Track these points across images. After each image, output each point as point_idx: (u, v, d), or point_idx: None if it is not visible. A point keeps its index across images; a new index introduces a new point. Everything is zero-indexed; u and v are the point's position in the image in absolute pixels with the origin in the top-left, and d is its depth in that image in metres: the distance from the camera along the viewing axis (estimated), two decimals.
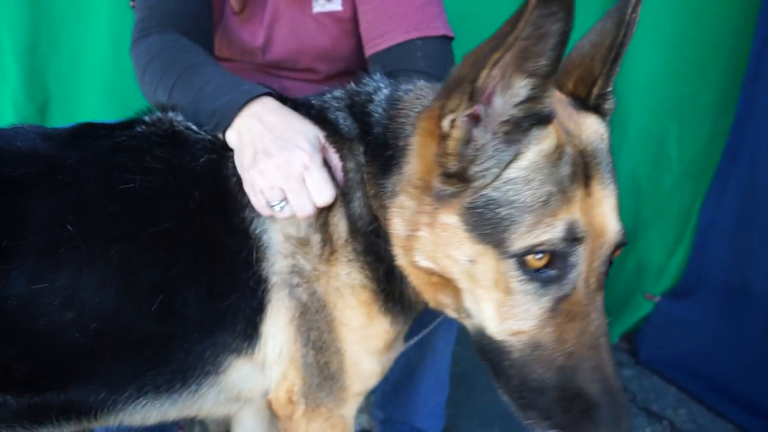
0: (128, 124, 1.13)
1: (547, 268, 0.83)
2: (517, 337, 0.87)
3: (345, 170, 1.09)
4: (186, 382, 1.07)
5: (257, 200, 1.03)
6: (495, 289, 0.86)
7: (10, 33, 1.87)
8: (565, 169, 0.83)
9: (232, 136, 1.08)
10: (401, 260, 0.99)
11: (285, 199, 1.02)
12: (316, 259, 1.06)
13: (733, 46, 2.04)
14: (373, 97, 1.12)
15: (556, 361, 0.85)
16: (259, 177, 1.01)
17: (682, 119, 2.18)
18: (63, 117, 1.94)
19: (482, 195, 0.84)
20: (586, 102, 0.93)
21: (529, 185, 0.82)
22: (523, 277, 0.84)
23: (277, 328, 1.08)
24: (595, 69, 0.91)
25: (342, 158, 1.10)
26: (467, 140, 0.84)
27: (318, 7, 1.44)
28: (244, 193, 1.06)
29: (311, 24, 1.46)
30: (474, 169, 0.84)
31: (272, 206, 1.02)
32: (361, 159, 1.08)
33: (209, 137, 1.11)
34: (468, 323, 0.96)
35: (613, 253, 0.87)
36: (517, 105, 0.80)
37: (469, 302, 0.92)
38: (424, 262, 0.93)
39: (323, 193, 1.01)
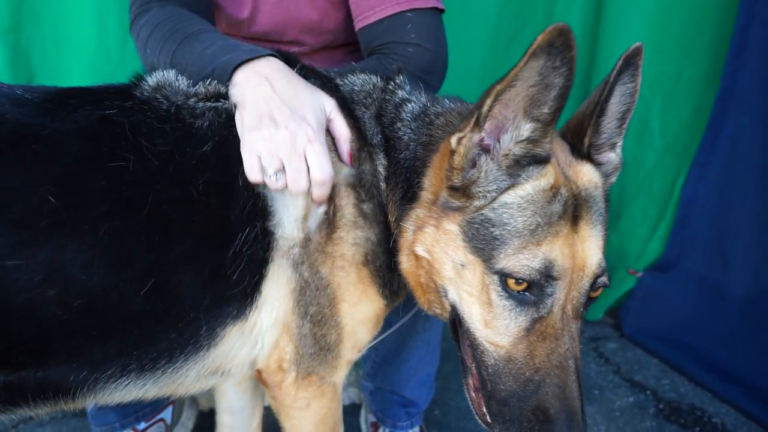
0: (119, 92, 1.06)
1: (526, 291, 0.93)
2: (494, 348, 0.97)
3: (354, 150, 1.11)
4: (172, 359, 1.05)
5: (251, 162, 1.01)
6: (479, 296, 0.97)
7: None
8: (557, 207, 0.93)
9: (235, 91, 1.06)
10: (404, 265, 1.09)
11: (282, 170, 1.02)
12: (323, 240, 1.08)
13: (717, 23, 2.05)
14: (401, 112, 1.16)
15: (524, 375, 0.94)
16: (261, 142, 1.00)
17: (666, 96, 2.18)
18: None
19: (481, 213, 0.96)
20: (581, 152, 1.03)
21: (522, 213, 0.93)
22: (503, 293, 0.94)
23: (278, 294, 1.08)
24: (585, 123, 1.02)
25: (360, 159, 1.12)
26: (473, 162, 0.96)
27: None
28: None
29: None
30: (476, 189, 0.96)
31: (268, 174, 1.01)
32: (381, 169, 1.14)
33: (213, 109, 1.06)
34: (445, 318, 1.08)
35: (592, 285, 0.95)
36: (519, 143, 0.93)
37: (452, 295, 1.02)
38: (422, 252, 1.03)
39: (322, 170, 1.02)
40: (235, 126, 1.05)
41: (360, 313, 1.15)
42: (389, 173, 1.13)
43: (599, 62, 2.21)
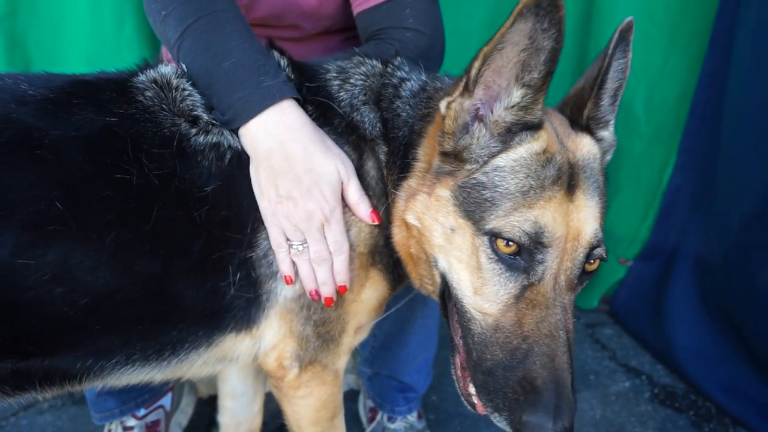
0: (120, 92, 1.04)
1: (516, 256, 0.91)
2: (482, 316, 0.94)
3: (365, 174, 1.12)
4: (175, 352, 1.07)
5: (276, 235, 1.04)
6: (468, 261, 0.95)
7: None
8: (551, 171, 0.92)
9: (246, 141, 1.05)
10: (396, 237, 1.08)
11: (305, 241, 1.04)
12: None
13: (702, 9, 2.05)
14: (401, 90, 1.15)
15: (512, 343, 0.89)
16: (283, 218, 1.03)
17: (651, 83, 2.17)
18: None
19: (473, 177, 0.95)
20: (579, 124, 1.03)
21: (515, 175, 0.92)
22: (492, 256, 0.92)
23: (281, 314, 1.10)
24: (585, 95, 1.02)
25: (364, 157, 1.13)
26: (464, 128, 0.96)
27: None
28: (255, 208, 1.05)
29: None
30: (467, 154, 0.96)
31: (293, 246, 1.04)
32: (383, 157, 1.13)
33: (215, 149, 1.05)
34: (435, 296, 1.07)
35: (588, 257, 0.93)
36: (509, 109, 0.93)
37: (442, 264, 1.00)
38: (413, 221, 1.02)
39: (339, 248, 1.05)
40: (236, 172, 1.05)
41: (364, 303, 1.16)
42: (389, 157, 1.14)
43: (589, 49, 2.22)
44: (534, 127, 0.94)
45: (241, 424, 1.60)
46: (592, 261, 0.95)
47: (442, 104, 0.96)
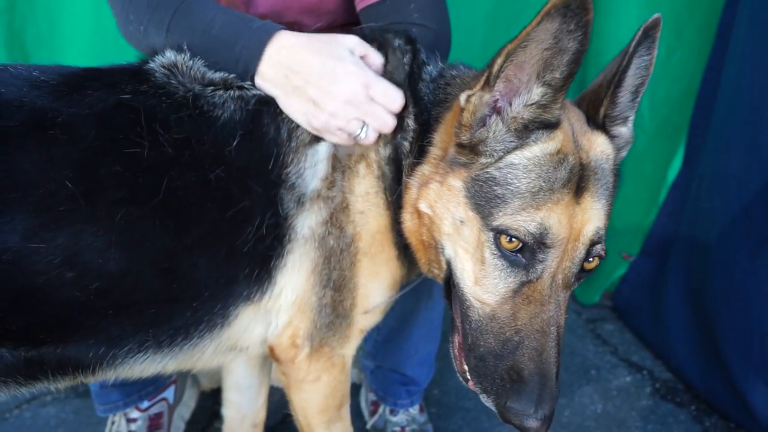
0: (133, 75, 1.05)
1: (518, 253, 0.94)
2: (480, 305, 0.98)
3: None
4: (188, 336, 1.07)
5: (339, 138, 1.06)
6: (474, 253, 0.98)
7: None
8: (562, 173, 0.93)
9: (265, 85, 1.08)
10: (407, 223, 1.10)
11: (364, 124, 1.05)
12: (347, 187, 1.10)
13: (708, 4, 2.04)
14: (423, 74, 1.16)
15: (505, 334, 0.95)
16: (332, 119, 1.03)
17: (654, 78, 2.12)
18: None
19: (486, 171, 0.96)
20: (596, 122, 1.03)
21: (527, 175, 0.94)
22: (496, 252, 0.95)
23: (298, 278, 1.10)
24: (602, 93, 1.01)
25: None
26: (482, 121, 0.97)
27: None
28: (277, 156, 1.06)
29: None
30: (483, 147, 0.97)
31: (359, 137, 1.05)
32: (409, 138, 1.12)
33: (239, 99, 1.07)
34: (440, 280, 1.09)
35: (587, 255, 0.96)
36: (528, 106, 0.93)
37: (448, 251, 1.03)
38: (425, 209, 1.04)
39: (395, 99, 1.07)
40: (261, 116, 1.07)
41: (377, 274, 1.16)
42: (413, 137, 1.13)
43: (592, 42, 2.20)
44: (551, 126, 0.94)
45: (246, 416, 1.61)
46: (591, 259, 0.98)
47: (462, 97, 0.98)
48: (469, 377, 1.02)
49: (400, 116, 1.12)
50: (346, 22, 1.56)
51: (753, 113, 1.75)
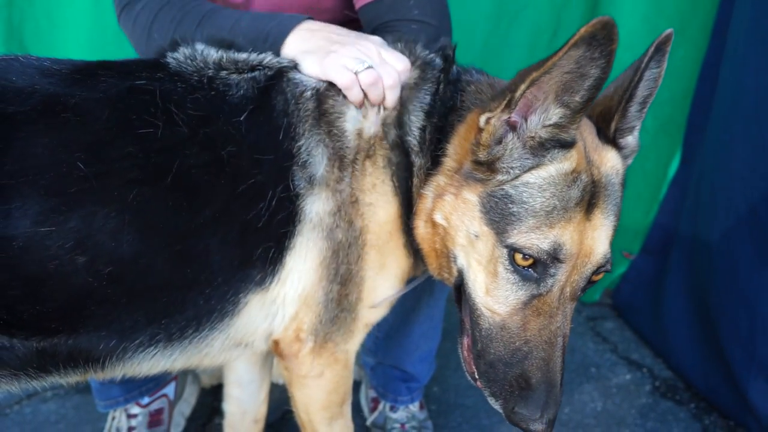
0: (148, 65, 1.07)
1: (530, 268, 0.97)
2: (491, 314, 1.02)
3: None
4: (199, 327, 1.06)
5: (341, 77, 1.08)
6: (486, 266, 1.01)
7: None
8: (575, 192, 0.96)
9: (290, 50, 1.15)
10: (420, 231, 1.12)
11: (370, 67, 1.09)
12: (355, 178, 1.10)
13: (711, 2, 2.03)
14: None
15: (514, 344, 0.99)
16: (340, 58, 1.09)
17: None
18: None
19: (502, 189, 0.98)
20: (607, 136, 1.05)
21: (542, 194, 0.96)
22: (509, 267, 0.98)
23: (305, 265, 1.09)
24: (613, 107, 1.03)
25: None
26: (499, 140, 0.98)
27: None
28: (289, 140, 1.06)
29: None
30: (500, 164, 0.98)
31: (360, 71, 1.08)
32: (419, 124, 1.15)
33: (251, 80, 1.09)
34: (450, 282, 1.11)
35: (594, 273, 0.99)
36: (546, 127, 0.94)
37: (461, 261, 1.05)
38: (440, 220, 1.06)
39: (401, 60, 1.13)
40: (270, 90, 1.10)
41: (384, 266, 1.16)
42: (421, 134, 1.13)
43: None
44: (567, 146, 0.95)
45: (247, 412, 1.61)
46: (597, 273, 1.01)
47: (482, 118, 0.98)
48: (477, 377, 1.05)
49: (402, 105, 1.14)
50: (344, 21, 1.56)
51: (758, 111, 1.74)
